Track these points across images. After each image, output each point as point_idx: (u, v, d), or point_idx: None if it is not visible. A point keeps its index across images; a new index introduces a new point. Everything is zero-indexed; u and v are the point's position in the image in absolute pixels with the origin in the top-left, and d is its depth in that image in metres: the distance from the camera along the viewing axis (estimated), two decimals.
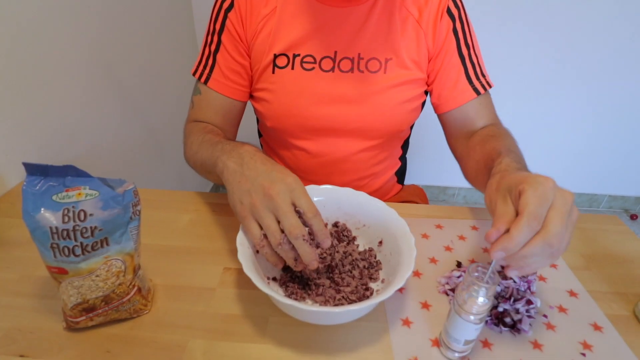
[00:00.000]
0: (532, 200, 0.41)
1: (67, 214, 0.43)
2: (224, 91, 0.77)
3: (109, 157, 1.17)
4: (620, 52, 1.77)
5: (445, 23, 0.74)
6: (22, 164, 0.43)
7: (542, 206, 0.41)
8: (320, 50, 0.74)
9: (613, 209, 2.23)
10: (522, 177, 0.45)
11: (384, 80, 0.74)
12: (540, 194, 0.41)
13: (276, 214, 0.48)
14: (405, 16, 0.73)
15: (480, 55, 0.77)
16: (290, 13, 0.73)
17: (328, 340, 0.50)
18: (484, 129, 0.75)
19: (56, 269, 0.45)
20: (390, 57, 0.74)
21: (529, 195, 0.42)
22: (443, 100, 0.78)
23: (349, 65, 0.74)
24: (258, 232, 0.50)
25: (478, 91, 0.76)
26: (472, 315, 0.43)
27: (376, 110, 0.76)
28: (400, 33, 0.73)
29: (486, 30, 1.71)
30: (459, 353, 0.47)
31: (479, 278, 0.42)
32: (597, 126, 1.97)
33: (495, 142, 0.67)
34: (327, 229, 0.50)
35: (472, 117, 0.77)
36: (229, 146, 0.59)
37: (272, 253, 0.51)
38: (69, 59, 0.97)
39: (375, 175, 0.88)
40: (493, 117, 0.79)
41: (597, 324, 0.53)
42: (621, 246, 0.68)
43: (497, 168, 0.56)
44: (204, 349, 0.48)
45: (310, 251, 0.48)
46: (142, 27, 1.34)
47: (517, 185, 0.44)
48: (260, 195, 0.49)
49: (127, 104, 1.27)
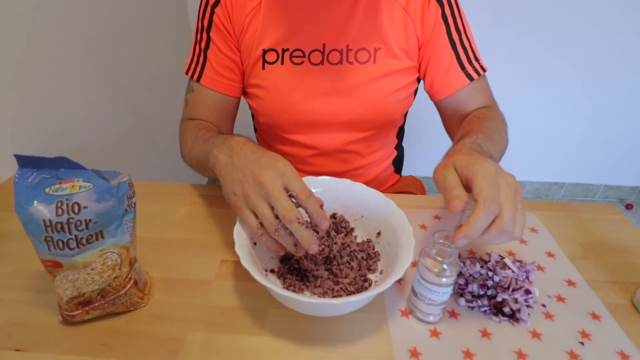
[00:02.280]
0: (484, 187, 0.44)
1: (61, 206, 0.42)
2: (217, 87, 0.76)
3: (103, 150, 1.16)
4: (616, 43, 1.76)
5: (433, 9, 0.72)
6: (14, 156, 0.42)
7: (493, 190, 0.44)
8: (308, 44, 0.73)
9: (609, 198, 2.24)
10: (469, 161, 0.48)
11: (373, 70, 0.73)
12: (488, 180, 0.44)
13: (268, 200, 0.48)
14: (392, 4, 0.72)
15: (472, 40, 0.76)
16: (276, 7, 0.72)
17: (327, 332, 0.50)
18: (475, 111, 0.75)
19: (51, 263, 0.44)
20: (379, 46, 0.73)
21: (480, 181, 0.44)
22: (436, 88, 0.77)
23: (338, 57, 0.73)
24: (254, 221, 0.49)
25: (471, 77, 0.75)
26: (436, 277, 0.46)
27: (368, 101, 0.75)
28: (388, 22, 0.72)
29: (483, 21, 1.70)
30: (424, 314, 0.50)
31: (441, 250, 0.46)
32: (593, 117, 1.97)
33: (474, 124, 0.68)
34: (323, 209, 0.49)
35: (465, 101, 0.77)
36: (220, 139, 0.59)
37: (272, 241, 0.50)
38: (63, 52, 0.96)
39: (371, 164, 0.88)
40: (487, 99, 0.78)
41: (595, 313, 0.53)
42: (618, 235, 0.68)
43: (453, 148, 0.58)
44: (202, 341, 0.48)
45: (308, 234, 0.47)
46: (137, 21, 1.32)
47: (464, 167, 0.47)
48: (251, 183, 0.49)
49: (122, 97, 1.25)
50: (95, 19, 1.08)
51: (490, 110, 0.75)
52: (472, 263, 0.57)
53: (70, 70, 0.99)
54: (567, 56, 1.81)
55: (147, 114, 1.43)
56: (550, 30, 1.75)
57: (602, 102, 1.93)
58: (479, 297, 0.53)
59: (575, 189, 2.21)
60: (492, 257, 0.58)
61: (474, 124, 0.69)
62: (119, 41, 1.22)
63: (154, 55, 1.48)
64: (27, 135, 0.86)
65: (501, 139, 0.68)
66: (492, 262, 0.57)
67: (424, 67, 0.77)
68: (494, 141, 0.63)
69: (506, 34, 1.77)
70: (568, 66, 1.84)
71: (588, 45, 1.77)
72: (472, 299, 0.53)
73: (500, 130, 0.69)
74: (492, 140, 0.63)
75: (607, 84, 1.87)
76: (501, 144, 0.68)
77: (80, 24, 1.02)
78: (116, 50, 1.20)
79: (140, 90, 1.38)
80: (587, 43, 1.77)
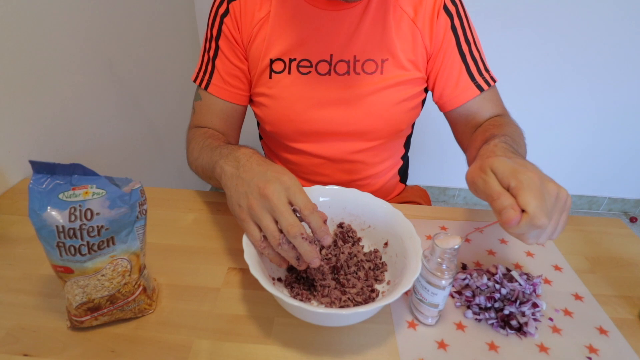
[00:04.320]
0: (532, 200, 0.43)
1: (74, 212, 0.42)
2: (224, 96, 0.77)
3: (110, 154, 1.16)
4: (622, 55, 1.77)
5: (442, 21, 0.73)
6: (29, 162, 0.42)
7: (542, 203, 0.44)
8: (316, 54, 0.73)
9: (613, 211, 2.23)
10: (511, 168, 0.46)
11: (380, 81, 0.74)
12: (536, 193, 0.44)
13: (273, 214, 0.48)
14: (399, 16, 0.72)
15: (482, 51, 0.76)
16: (284, 18, 0.72)
17: (334, 342, 0.50)
18: (490, 120, 0.74)
19: (62, 268, 0.44)
20: (386, 57, 0.73)
21: (527, 194, 0.43)
22: (446, 99, 0.77)
23: (345, 68, 0.74)
24: (258, 234, 0.49)
25: (481, 87, 0.75)
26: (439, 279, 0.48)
27: (374, 111, 0.75)
28: (395, 33, 0.72)
29: (490, 30, 1.71)
30: (423, 316, 0.51)
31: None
32: (598, 129, 1.97)
33: (495, 129, 0.67)
34: (326, 225, 0.49)
35: (476, 112, 0.76)
36: (227, 150, 0.59)
37: (275, 254, 0.50)
38: (71, 56, 0.97)
39: (377, 174, 0.88)
40: (500, 108, 0.77)
41: (602, 328, 0.53)
42: (625, 249, 0.68)
43: (485, 148, 0.56)
44: (209, 349, 0.48)
45: (311, 249, 0.48)
46: (144, 24, 1.33)
47: (506, 174, 0.46)
48: (256, 196, 0.49)
49: (129, 101, 1.26)
50: (105, 25, 1.10)
51: (505, 118, 0.75)
52: (479, 275, 0.57)
53: (80, 76, 1.00)
54: (573, 69, 1.81)
55: (154, 121, 1.44)
56: (555, 41, 1.75)
57: (607, 114, 1.93)
58: (486, 310, 0.53)
59: (579, 200, 2.20)
60: (499, 269, 0.58)
61: (494, 128, 0.68)
62: (129, 48, 1.23)
63: (163, 63, 1.49)
64: (36, 140, 0.86)
65: (523, 144, 0.68)
66: (500, 274, 0.57)
67: (432, 78, 0.77)
68: (518, 144, 0.63)
69: (512, 47, 1.77)
70: (573, 78, 1.84)
71: (594, 57, 1.78)
72: (480, 311, 0.53)
73: (520, 135, 0.69)
74: (517, 143, 0.62)
75: (612, 95, 1.87)
76: (524, 146, 0.67)
77: (90, 30, 1.04)
78: (125, 56, 1.22)
79: (149, 97, 1.39)
80: (593, 55, 1.77)
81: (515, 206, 0.43)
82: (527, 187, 0.44)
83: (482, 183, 0.48)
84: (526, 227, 0.43)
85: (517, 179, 0.45)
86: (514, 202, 0.44)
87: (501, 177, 0.46)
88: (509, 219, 0.43)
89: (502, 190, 0.45)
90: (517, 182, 0.44)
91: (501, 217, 0.44)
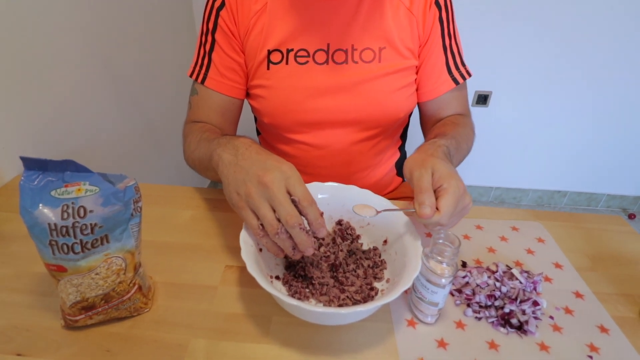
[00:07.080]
0: (451, 204, 0.50)
1: (67, 210, 0.41)
2: (221, 89, 0.76)
3: (106, 151, 1.15)
4: (619, 51, 1.76)
5: (432, 11, 0.75)
6: (20, 158, 0.41)
7: (456, 208, 0.52)
8: (313, 44, 0.73)
9: (611, 208, 2.23)
10: (447, 173, 0.52)
11: (378, 69, 0.74)
12: (456, 199, 0.51)
13: (271, 203, 0.47)
14: (396, 5, 0.73)
15: (460, 45, 0.79)
16: (281, 8, 0.72)
17: (332, 341, 0.49)
18: (451, 116, 0.79)
19: (55, 267, 0.43)
20: (383, 45, 0.74)
21: (449, 198, 0.51)
22: (425, 89, 0.79)
23: (343, 57, 0.74)
24: (255, 222, 0.49)
25: (457, 81, 0.78)
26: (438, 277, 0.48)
27: (373, 99, 0.76)
28: (393, 21, 0.73)
29: (486, 27, 1.70)
30: (423, 314, 0.51)
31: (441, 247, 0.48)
32: (596, 125, 1.97)
33: (449, 128, 0.73)
34: (322, 218, 0.49)
35: (443, 107, 0.80)
36: (225, 139, 0.59)
37: (272, 243, 0.50)
38: (69, 53, 0.95)
39: (376, 165, 0.88)
40: (463, 108, 0.82)
41: (603, 326, 0.53)
42: (626, 247, 0.68)
43: (428, 145, 0.61)
44: (206, 348, 0.48)
45: (307, 239, 0.48)
46: (140, 20, 1.32)
47: (442, 177, 0.52)
48: (255, 184, 0.48)
49: (125, 98, 1.25)
50: (100, 20, 1.08)
51: (465, 118, 0.80)
52: (479, 273, 0.57)
53: (76, 72, 0.99)
54: (571, 65, 1.81)
55: (151, 117, 1.43)
56: (555, 38, 1.75)
57: (605, 111, 1.92)
58: (487, 308, 0.53)
59: (578, 197, 2.20)
60: (499, 267, 0.58)
61: (449, 127, 0.74)
62: (125, 43, 1.22)
63: (160, 58, 1.48)
64: (31, 136, 0.85)
65: (467, 148, 0.76)
66: (500, 272, 0.57)
67: (418, 67, 0.78)
68: (460, 150, 0.71)
69: (509, 45, 1.77)
70: (571, 75, 1.83)
71: (591, 54, 1.77)
72: (480, 309, 0.53)
73: (469, 139, 0.76)
74: (460, 149, 0.70)
75: (610, 93, 1.87)
76: (465, 153, 0.76)
77: (86, 26, 1.02)
78: (122, 53, 1.20)
79: (145, 93, 1.38)
80: (590, 52, 1.77)
81: (433, 205, 0.50)
82: (451, 194, 0.50)
83: (418, 175, 0.53)
84: (432, 223, 0.50)
85: (449, 183, 0.51)
86: (434, 202, 0.50)
87: (438, 177, 0.52)
88: (426, 214, 0.49)
89: (430, 188, 0.51)
90: (447, 185, 0.51)
91: (420, 209, 0.50)
